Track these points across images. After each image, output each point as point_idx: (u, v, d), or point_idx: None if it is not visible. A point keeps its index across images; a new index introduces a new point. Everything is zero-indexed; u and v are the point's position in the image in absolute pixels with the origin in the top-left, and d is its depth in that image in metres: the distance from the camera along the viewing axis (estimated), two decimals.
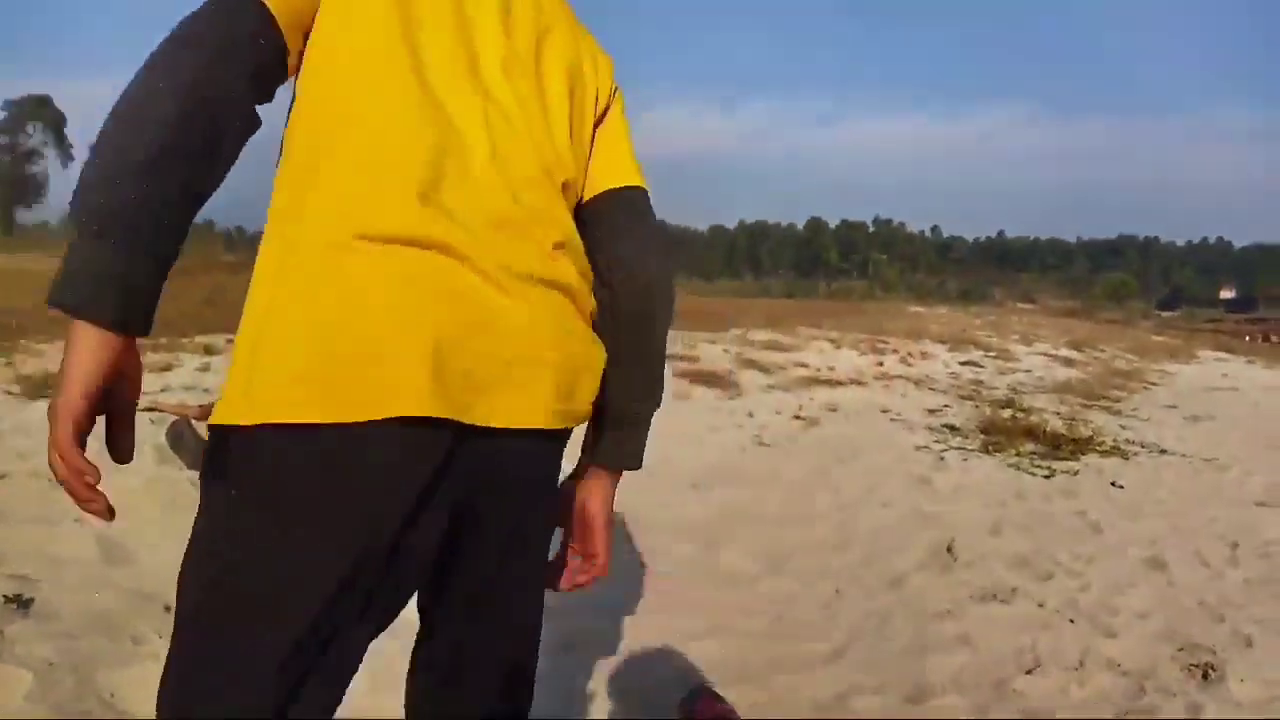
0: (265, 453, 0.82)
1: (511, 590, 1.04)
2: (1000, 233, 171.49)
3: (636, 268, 1.05)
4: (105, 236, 0.76)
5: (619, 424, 1.12)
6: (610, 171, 1.08)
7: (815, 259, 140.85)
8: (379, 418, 0.80)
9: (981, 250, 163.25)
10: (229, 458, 0.84)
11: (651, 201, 1.10)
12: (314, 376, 0.80)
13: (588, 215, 1.06)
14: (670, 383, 7.67)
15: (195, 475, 0.90)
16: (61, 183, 62.95)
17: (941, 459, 5.22)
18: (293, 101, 0.91)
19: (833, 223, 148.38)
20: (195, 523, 0.89)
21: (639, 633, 2.56)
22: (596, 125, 1.09)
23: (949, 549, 3.47)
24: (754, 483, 4.46)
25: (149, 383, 5.53)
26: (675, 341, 10.59)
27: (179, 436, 2.29)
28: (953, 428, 6.37)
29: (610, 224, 1.06)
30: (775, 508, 4.01)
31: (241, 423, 0.81)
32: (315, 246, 0.82)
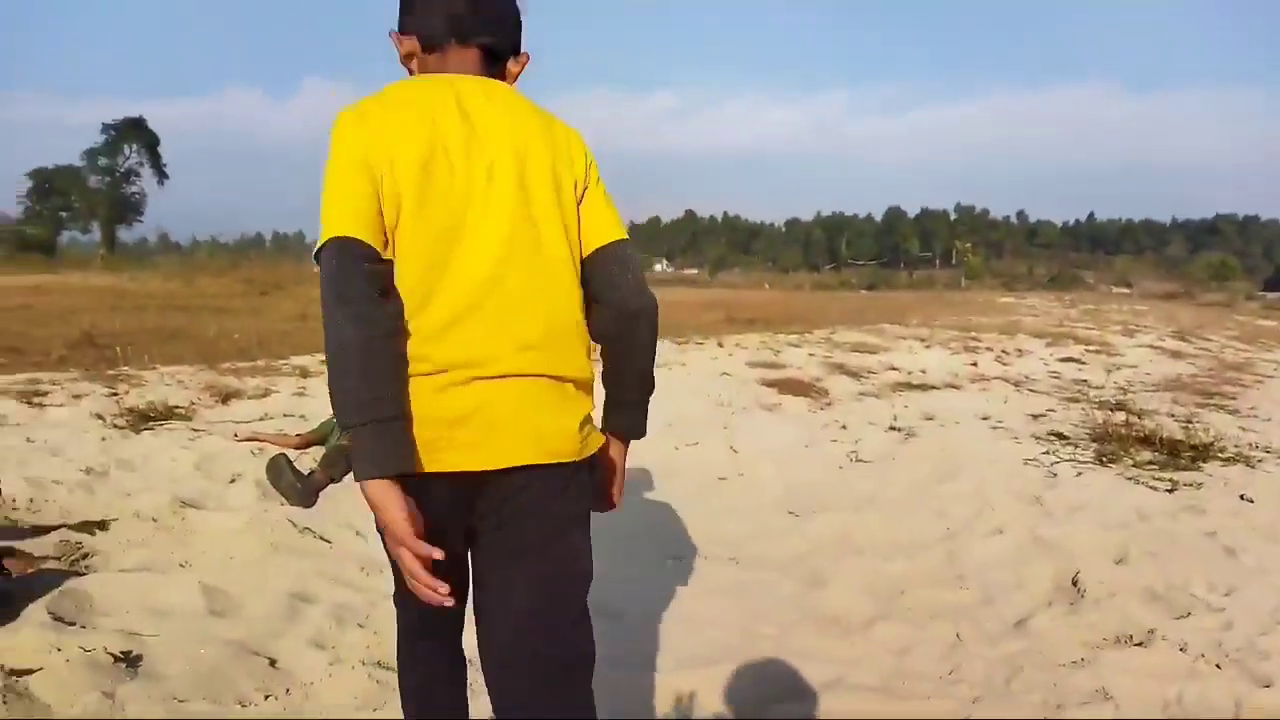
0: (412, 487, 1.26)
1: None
2: (1090, 215, 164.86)
3: (631, 305, 1.45)
4: (364, 425, 1.21)
5: (624, 409, 1.56)
6: (598, 232, 1.44)
7: (895, 249, 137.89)
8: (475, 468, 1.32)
9: (1071, 234, 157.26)
10: (396, 495, 1.25)
11: (630, 246, 1.48)
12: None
13: (588, 269, 1.43)
14: (758, 393, 7.53)
15: (296, 513, 1.42)
16: (158, 201, 65.71)
17: (1053, 474, 4.94)
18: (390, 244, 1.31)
19: (912, 211, 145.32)
20: None
21: (742, 689, 2.43)
22: (585, 197, 1.45)
23: (1074, 582, 3.24)
24: (853, 505, 4.27)
25: (248, 409, 5.64)
26: (761, 348, 10.34)
27: (279, 473, 2.33)
28: (1061, 436, 6.04)
29: (605, 276, 1.43)
30: (878, 535, 3.82)
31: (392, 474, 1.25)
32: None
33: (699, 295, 48.00)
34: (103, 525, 3.35)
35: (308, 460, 2.43)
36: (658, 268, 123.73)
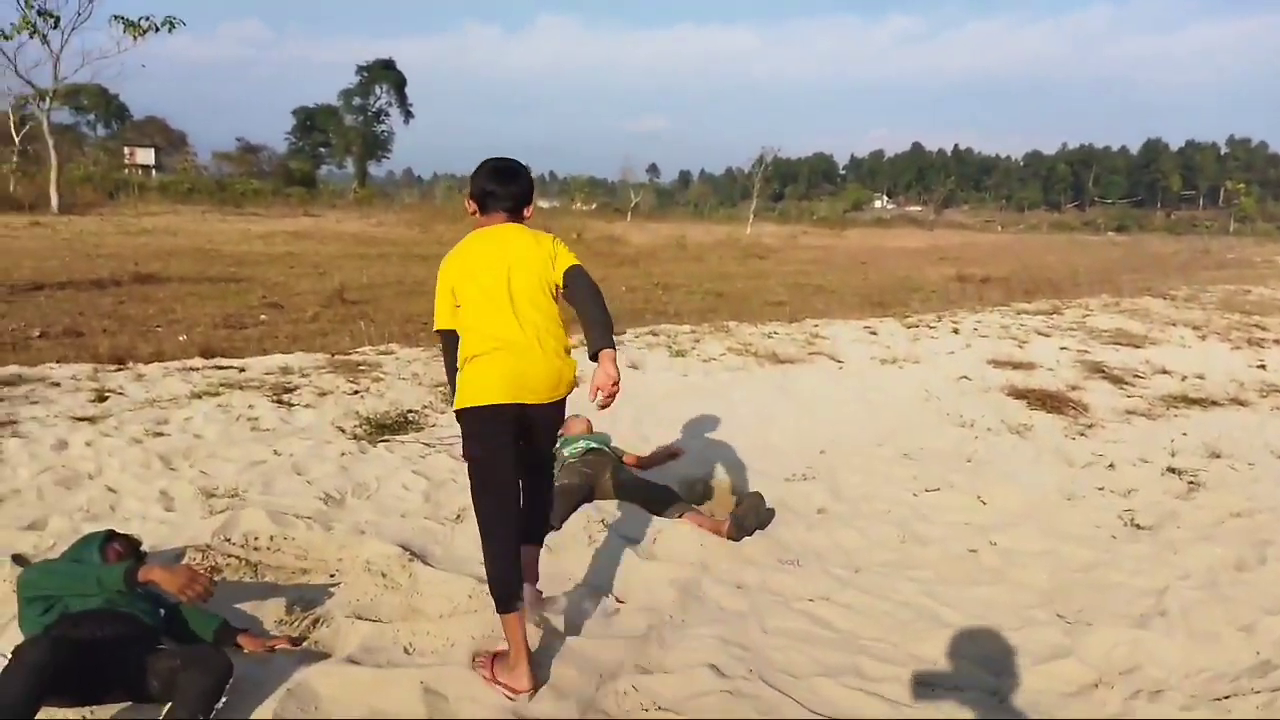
0: (467, 415, 2.71)
1: (546, 459, 3.09)
2: None
3: (582, 292, 2.78)
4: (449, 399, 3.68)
5: (597, 330, 2.72)
6: (561, 264, 2.80)
7: (1151, 186, 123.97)
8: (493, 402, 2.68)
9: None
10: (461, 419, 2.73)
11: (578, 268, 2.81)
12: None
13: (565, 283, 2.79)
14: (1004, 407, 6.77)
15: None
16: (405, 137, 70.74)
17: None
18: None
19: (1175, 144, 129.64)
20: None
21: None
22: (554, 261, 2.80)
23: None
24: (1138, 613, 3.57)
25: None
26: (1003, 335, 9.28)
27: None
28: None
29: (568, 278, 2.79)
30: (1176, 663, 3.17)
31: (458, 408, 2.73)
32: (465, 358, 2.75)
33: (923, 239, 45.53)
34: (334, 581, 3.38)
35: None
36: (877, 204, 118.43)
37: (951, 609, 3.47)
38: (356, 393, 5.95)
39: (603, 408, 2.73)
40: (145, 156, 57.91)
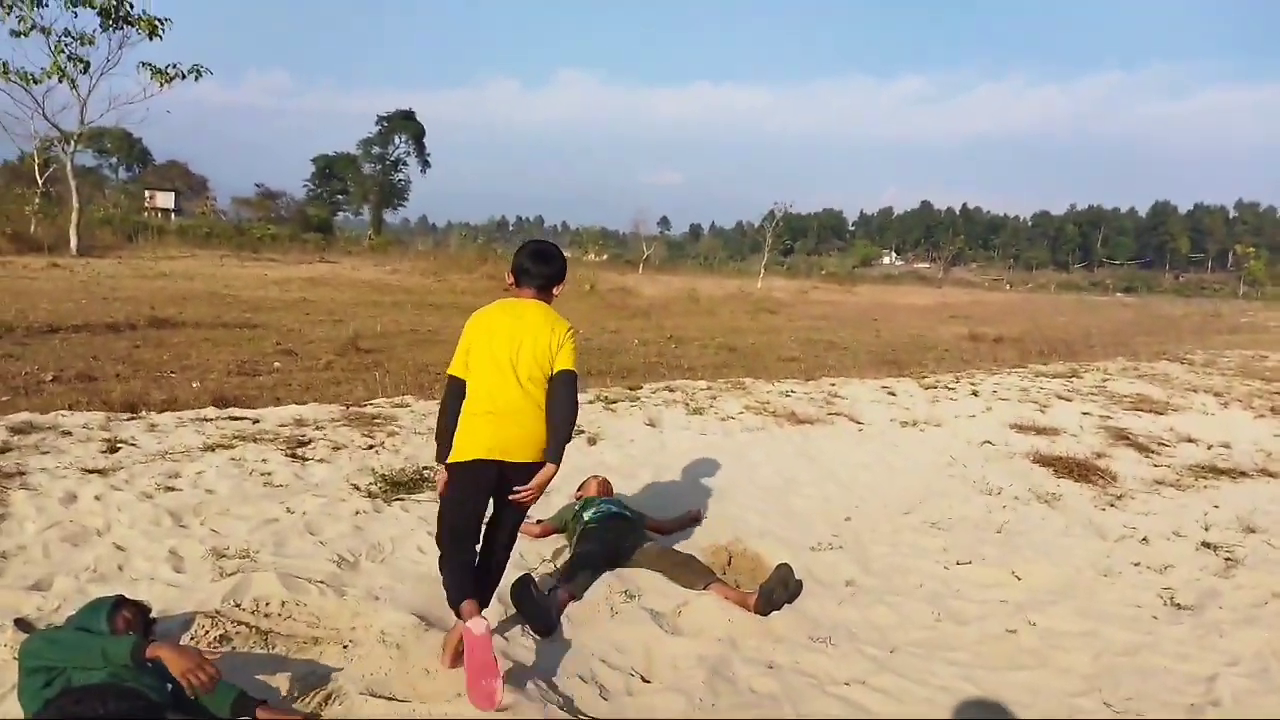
0: (454, 469, 3.17)
1: (512, 510, 3.31)
2: None
3: (558, 401, 3.15)
4: (437, 455, 3.43)
5: (553, 440, 3.14)
6: (559, 364, 3.16)
7: (1159, 249, 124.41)
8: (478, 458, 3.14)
9: None
10: (448, 469, 3.19)
11: (569, 374, 3.17)
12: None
13: (550, 381, 3.17)
14: (1030, 475, 6.62)
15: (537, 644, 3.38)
16: (421, 185, 71.94)
17: None
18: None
19: (1183, 207, 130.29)
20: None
21: None
22: (557, 353, 3.17)
23: None
24: (1188, 694, 3.43)
25: None
26: (1023, 399, 9.11)
27: (523, 599, 3.58)
28: None
29: (554, 385, 3.17)
30: None
31: (450, 461, 3.19)
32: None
33: (932, 296, 45.56)
34: (347, 653, 3.23)
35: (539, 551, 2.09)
36: (885, 260, 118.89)
37: (994, 696, 3.31)
38: (371, 447, 5.84)
39: (516, 502, 3.20)
40: (165, 200, 58.62)
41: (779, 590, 3.89)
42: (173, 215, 53.78)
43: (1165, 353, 16.71)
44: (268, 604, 3.51)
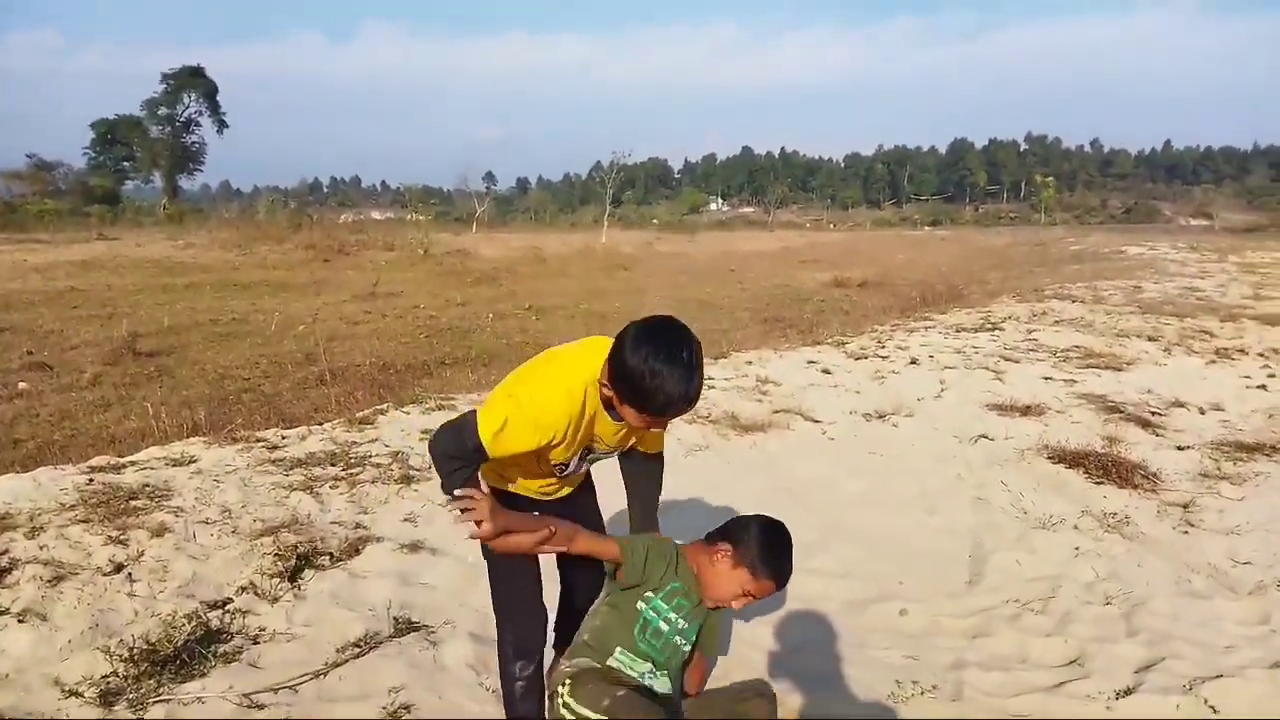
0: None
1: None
2: (1167, 143, 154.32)
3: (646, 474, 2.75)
4: None
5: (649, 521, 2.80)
6: (651, 445, 2.63)
7: (960, 183, 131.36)
8: None
9: (1146, 163, 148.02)
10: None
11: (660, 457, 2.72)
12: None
13: (633, 452, 2.60)
14: (1064, 485, 5.09)
15: None
16: (221, 148, 64.86)
17: None
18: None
19: (979, 143, 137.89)
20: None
21: None
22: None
23: None
24: None
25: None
26: (973, 365, 7.63)
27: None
28: None
29: (642, 462, 2.67)
30: None
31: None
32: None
33: (770, 241, 45.01)
34: None
35: None
36: (713, 206, 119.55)
37: None
38: (119, 569, 3.49)
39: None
40: None
41: None
42: None
43: (1041, 290, 16.13)
44: None
